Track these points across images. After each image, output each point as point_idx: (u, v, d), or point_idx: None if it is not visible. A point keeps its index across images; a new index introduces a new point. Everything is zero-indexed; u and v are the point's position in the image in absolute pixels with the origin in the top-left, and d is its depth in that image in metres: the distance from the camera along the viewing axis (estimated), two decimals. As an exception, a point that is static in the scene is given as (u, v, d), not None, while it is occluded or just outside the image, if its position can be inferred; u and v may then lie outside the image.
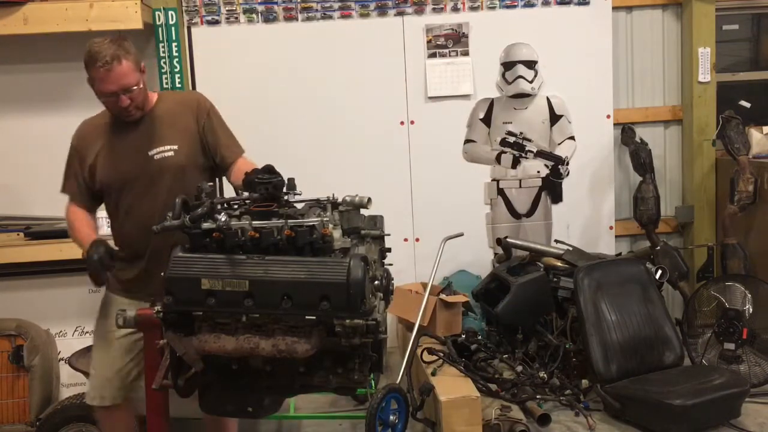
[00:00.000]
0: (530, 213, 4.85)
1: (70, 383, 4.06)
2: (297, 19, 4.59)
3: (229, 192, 4.42)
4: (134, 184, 2.81)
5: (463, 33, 4.67)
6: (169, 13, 4.39)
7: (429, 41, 4.66)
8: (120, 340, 2.90)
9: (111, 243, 2.77)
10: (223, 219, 2.32)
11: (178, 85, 4.42)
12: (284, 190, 2.42)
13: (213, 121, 2.94)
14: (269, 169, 2.45)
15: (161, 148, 2.81)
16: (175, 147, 2.82)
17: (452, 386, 3.50)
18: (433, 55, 4.67)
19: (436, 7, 4.63)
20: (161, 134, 2.82)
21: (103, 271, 2.63)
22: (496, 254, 4.78)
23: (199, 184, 2.45)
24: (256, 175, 2.43)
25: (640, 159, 4.64)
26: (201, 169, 2.88)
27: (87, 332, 4.12)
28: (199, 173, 2.85)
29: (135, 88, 2.71)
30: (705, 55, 4.82)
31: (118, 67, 2.67)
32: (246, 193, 2.48)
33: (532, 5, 4.68)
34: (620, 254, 4.76)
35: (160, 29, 4.38)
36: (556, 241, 4.69)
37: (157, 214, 2.61)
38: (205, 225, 2.32)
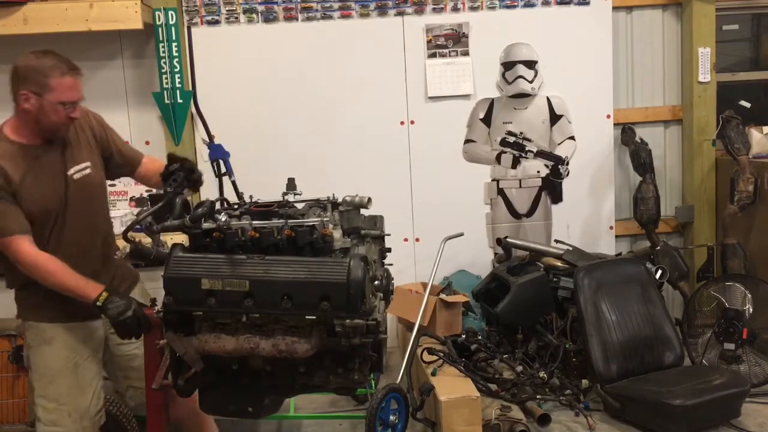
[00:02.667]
0: (530, 213, 4.85)
1: (70, 383, 4.05)
2: (297, 19, 4.58)
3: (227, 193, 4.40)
4: (63, 207, 2.63)
5: (463, 33, 4.67)
6: (169, 13, 4.39)
7: (429, 41, 4.66)
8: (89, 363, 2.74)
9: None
10: (223, 219, 2.32)
11: (178, 85, 4.42)
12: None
13: (108, 132, 2.87)
14: (172, 158, 2.55)
15: (78, 167, 2.69)
16: (88, 164, 2.73)
17: (452, 386, 3.50)
18: (433, 55, 4.67)
19: (436, 7, 4.63)
20: (71, 155, 2.69)
21: (142, 331, 2.55)
22: (496, 254, 4.78)
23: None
24: (166, 167, 2.51)
25: (640, 159, 4.64)
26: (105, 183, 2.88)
27: (87, 332, 4.11)
28: (105, 187, 2.88)
29: (81, 101, 2.67)
30: (705, 55, 4.82)
31: (79, 79, 2.65)
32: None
33: (532, 5, 4.68)
34: (620, 254, 4.76)
35: (160, 29, 4.38)
36: (556, 241, 4.69)
37: (95, 231, 2.69)
38: (206, 225, 2.33)
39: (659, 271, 4.32)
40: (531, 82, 4.68)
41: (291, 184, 2.61)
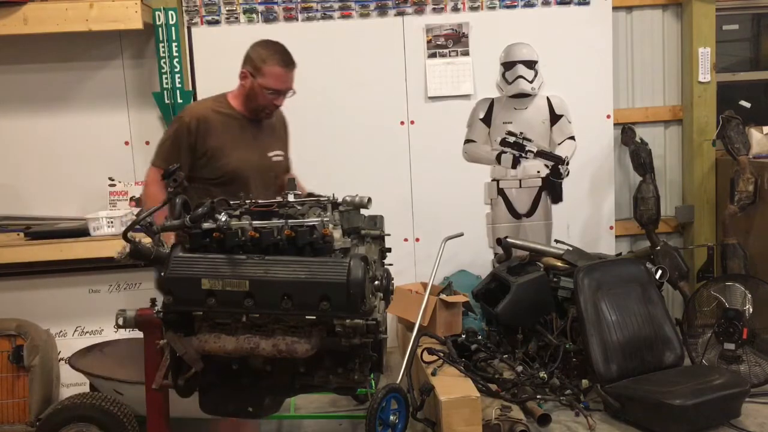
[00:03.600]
0: (530, 213, 4.85)
1: (70, 383, 4.06)
2: (297, 19, 4.58)
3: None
4: (257, 178, 3.08)
5: (463, 33, 4.67)
6: (169, 13, 4.39)
7: (429, 41, 4.66)
8: None
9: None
10: (223, 219, 2.32)
11: (178, 86, 4.42)
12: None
13: (289, 137, 3.40)
14: (291, 184, 2.66)
15: (276, 152, 3.23)
16: (282, 153, 3.27)
17: (452, 386, 3.50)
18: (433, 55, 4.67)
19: (436, 7, 4.63)
20: (274, 140, 3.25)
21: None
22: (496, 254, 4.78)
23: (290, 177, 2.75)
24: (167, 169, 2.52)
25: (640, 159, 4.64)
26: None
27: (87, 332, 4.13)
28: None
29: (292, 92, 3.12)
30: (705, 55, 4.83)
31: (292, 72, 3.09)
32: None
33: (532, 5, 4.68)
34: (620, 254, 4.76)
35: (160, 29, 4.38)
36: (556, 241, 4.69)
37: None
38: (206, 225, 2.33)
39: (659, 271, 4.32)
40: (531, 82, 4.68)
41: (291, 184, 2.61)
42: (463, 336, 3.99)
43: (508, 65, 4.69)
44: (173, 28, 4.39)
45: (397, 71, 4.65)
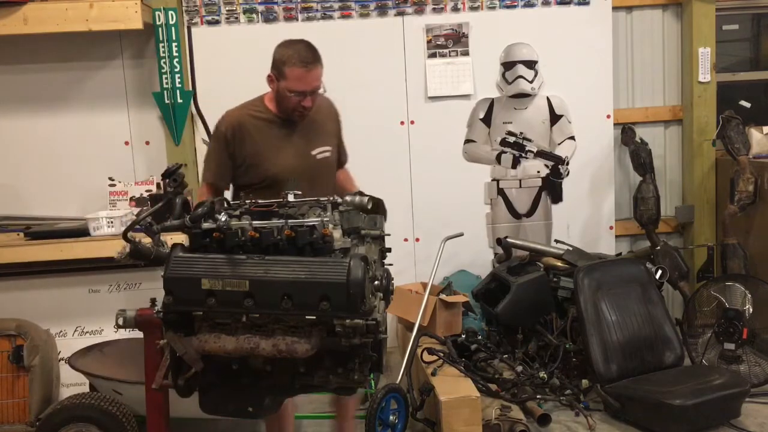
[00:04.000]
0: (530, 213, 4.85)
1: (70, 383, 4.05)
2: (297, 19, 4.58)
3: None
4: (301, 179, 2.90)
5: (463, 33, 4.67)
6: (169, 13, 4.39)
7: (429, 41, 4.66)
8: None
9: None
10: (223, 219, 2.32)
11: (178, 86, 4.42)
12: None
13: (340, 128, 3.25)
14: (374, 203, 2.59)
15: (322, 148, 3.07)
16: (329, 148, 3.11)
17: (452, 386, 3.50)
18: (433, 55, 4.67)
19: (436, 7, 4.63)
20: (318, 136, 3.07)
21: None
22: (496, 254, 4.78)
23: None
24: (167, 169, 2.52)
25: (640, 159, 4.64)
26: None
27: (87, 332, 4.12)
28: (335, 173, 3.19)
29: (320, 90, 2.96)
30: (705, 55, 4.83)
31: (315, 71, 2.90)
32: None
33: (532, 5, 4.68)
34: (620, 254, 4.76)
35: (160, 29, 4.38)
36: (556, 241, 4.69)
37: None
38: (206, 225, 2.32)
39: (659, 271, 4.32)
40: (531, 82, 4.68)
41: (291, 184, 2.61)
42: (463, 336, 3.99)
43: (508, 65, 4.69)
44: (173, 28, 4.39)
45: (397, 71, 4.65)
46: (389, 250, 2.71)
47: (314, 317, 2.26)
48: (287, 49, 2.93)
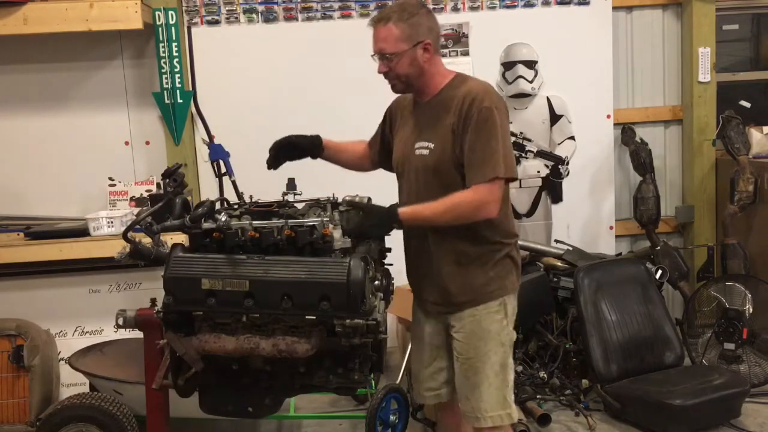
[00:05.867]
0: (530, 213, 4.84)
1: (70, 383, 4.06)
2: (297, 19, 4.58)
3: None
4: (404, 175, 2.60)
5: (463, 33, 4.67)
6: (169, 13, 4.39)
7: (429, 41, 4.65)
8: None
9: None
10: (223, 219, 2.32)
11: (178, 86, 4.42)
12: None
13: (470, 135, 2.38)
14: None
15: (423, 143, 2.50)
16: (430, 144, 2.48)
17: (452, 386, 3.49)
18: (433, 55, 4.66)
19: (436, 7, 4.63)
20: (428, 128, 2.51)
21: None
22: (496, 254, 4.77)
23: None
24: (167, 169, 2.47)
25: (640, 159, 4.64)
26: (458, 169, 2.43)
27: (87, 332, 4.12)
28: (455, 173, 2.43)
29: (389, 56, 2.49)
30: (705, 55, 4.82)
31: (381, 29, 2.48)
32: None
33: (532, 5, 4.67)
34: (620, 254, 4.76)
35: (160, 29, 4.38)
36: (556, 241, 4.69)
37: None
38: (206, 225, 2.33)
39: (659, 271, 4.32)
40: (531, 82, 4.68)
41: (291, 184, 2.61)
42: (463, 336, 3.98)
43: (508, 65, 4.69)
44: (173, 28, 4.39)
45: (397, 71, 4.64)
46: (389, 250, 2.71)
47: (314, 317, 2.26)
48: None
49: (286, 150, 2.68)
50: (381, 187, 2.77)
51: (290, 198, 2.53)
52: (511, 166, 2.40)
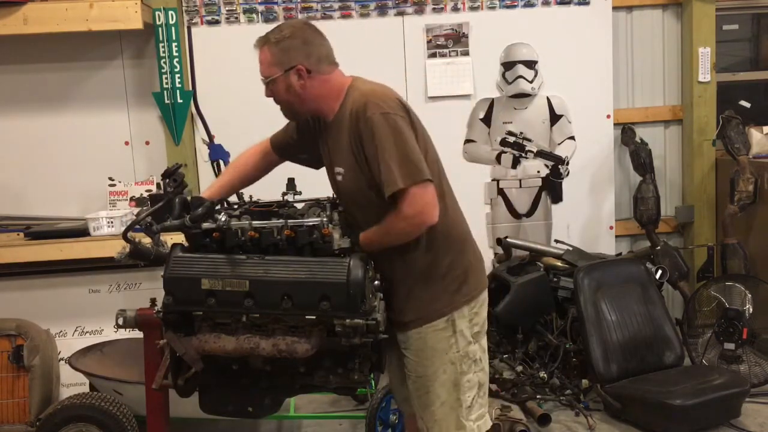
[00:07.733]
0: (530, 213, 4.84)
1: (70, 383, 4.06)
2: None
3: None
4: (341, 199, 2.50)
5: (463, 33, 4.67)
6: (169, 13, 4.39)
7: (429, 41, 4.66)
8: None
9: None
10: (223, 219, 2.32)
11: (178, 86, 4.42)
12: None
13: (368, 150, 2.26)
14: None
15: (337, 169, 2.38)
16: (342, 171, 2.36)
17: (452, 386, 3.49)
18: (433, 55, 4.67)
19: (436, 7, 4.63)
20: (335, 151, 2.38)
21: None
22: (496, 254, 4.77)
23: None
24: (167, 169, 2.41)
25: (640, 159, 4.64)
26: (375, 188, 2.29)
27: (87, 332, 4.12)
28: (373, 193, 2.31)
29: (265, 79, 2.39)
30: (705, 55, 4.83)
31: (259, 52, 2.39)
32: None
33: (532, 5, 4.68)
34: (620, 254, 4.76)
35: (160, 29, 4.38)
36: (556, 241, 4.69)
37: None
38: (205, 225, 2.32)
39: (659, 271, 4.32)
40: (531, 82, 4.68)
41: (291, 184, 2.61)
42: (463, 336, 3.99)
43: (508, 65, 4.69)
44: (173, 28, 4.39)
45: (397, 71, 4.64)
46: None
47: (314, 317, 2.26)
48: None
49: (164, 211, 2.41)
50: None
51: (290, 198, 2.52)
52: (419, 164, 2.26)
